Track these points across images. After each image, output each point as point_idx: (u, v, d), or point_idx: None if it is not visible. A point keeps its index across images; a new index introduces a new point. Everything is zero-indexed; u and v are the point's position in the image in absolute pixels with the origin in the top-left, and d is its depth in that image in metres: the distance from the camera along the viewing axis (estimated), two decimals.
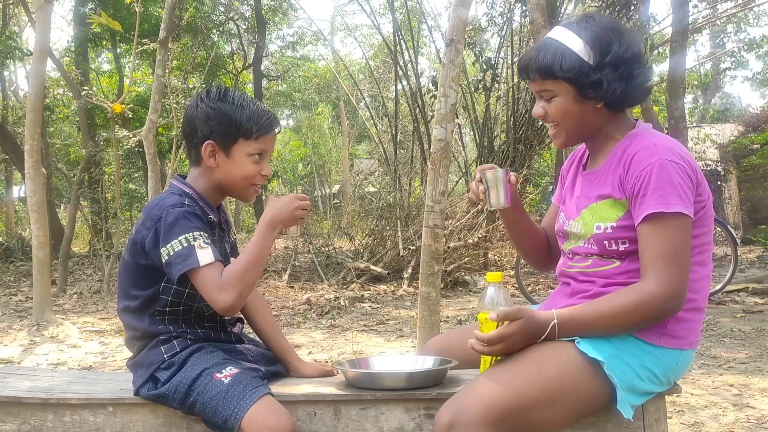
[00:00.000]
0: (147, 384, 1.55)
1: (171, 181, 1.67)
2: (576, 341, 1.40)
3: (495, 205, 1.57)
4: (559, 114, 1.50)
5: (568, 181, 1.67)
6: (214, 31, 12.91)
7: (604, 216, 1.47)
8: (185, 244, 1.45)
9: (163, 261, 1.46)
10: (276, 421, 1.39)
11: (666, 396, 1.52)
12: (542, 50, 1.48)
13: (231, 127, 1.57)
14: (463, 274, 7.43)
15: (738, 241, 6.32)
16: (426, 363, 1.66)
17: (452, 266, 7.13)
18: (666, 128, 7.16)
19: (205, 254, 1.45)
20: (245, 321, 1.78)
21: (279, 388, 1.58)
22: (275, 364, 1.73)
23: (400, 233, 7.79)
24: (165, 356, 1.54)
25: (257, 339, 1.80)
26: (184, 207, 1.51)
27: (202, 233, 1.48)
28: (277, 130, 1.63)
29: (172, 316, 1.58)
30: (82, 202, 9.83)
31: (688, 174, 1.39)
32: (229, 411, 1.41)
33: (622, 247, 1.45)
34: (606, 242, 1.46)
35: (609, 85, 1.44)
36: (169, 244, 1.45)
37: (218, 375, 1.47)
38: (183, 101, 7.28)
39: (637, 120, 1.55)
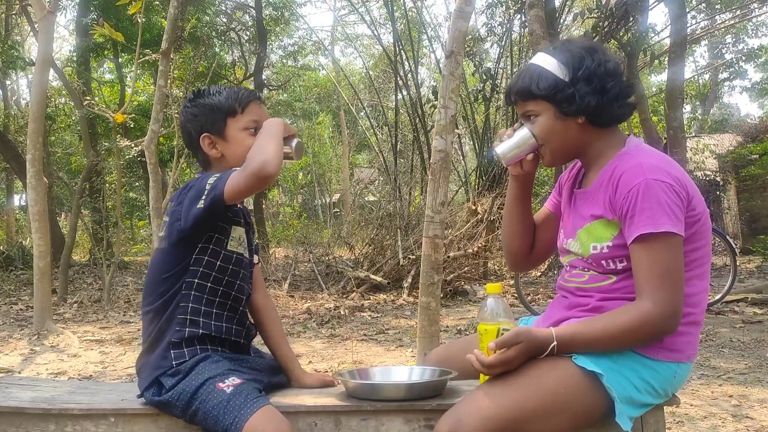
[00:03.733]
0: (152, 388, 1.56)
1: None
2: (573, 357, 1.41)
3: (501, 153, 1.60)
4: (543, 133, 1.54)
5: (564, 196, 1.68)
6: (216, 41, 12.97)
7: (599, 236, 1.49)
8: (218, 175, 1.53)
9: (208, 187, 1.51)
10: (276, 429, 1.41)
11: (665, 407, 1.53)
12: (522, 75, 1.55)
13: (215, 112, 1.67)
14: (462, 283, 7.44)
15: (737, 251, 6.34)
16: (426, 374, 1.67)
17: (452, 276, 7.13)
18: (665, 138, 7.19)
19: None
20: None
21: (280, 398, 1.59)
22: (278, 375, 1.74)
23: (400, 242, 7.80)
24: (173, 362, 1.56)
25: (263, 351, 1.81)
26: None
27: None
28: (258, 100, 1.71)
29: (199, 292, 1.59)
30: (83, 210, 9.85)
31: (676, 191, 1.40)
32: (229, 420, 1.42)
33: (620, 266, 1.47)
34: (603, 261, 1.48)
35: (582, 98, 1.48)
36: (207, 182, 1.53)
37: (221, 384, 1.48)
38: None
39: (628, 136, 1.57)
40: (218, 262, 1.60)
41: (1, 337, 5.33)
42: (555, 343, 1.39)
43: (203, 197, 1.51)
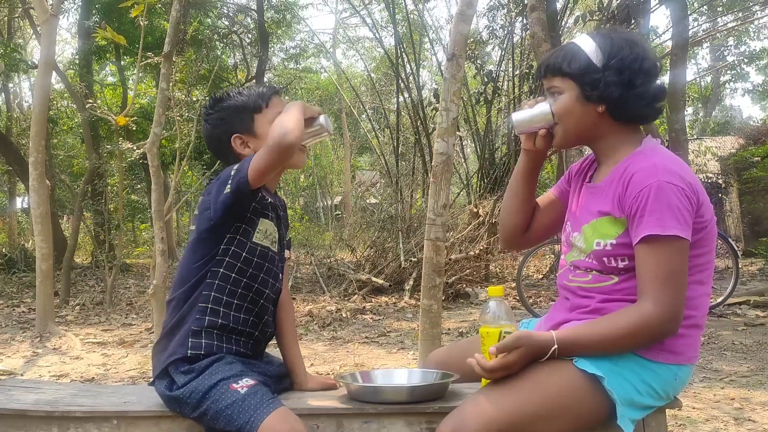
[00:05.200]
0: (164, 380, 1.58)
1: None
2: (574, 360, 1.41)
3: (516, 120, 1.62)
4: (561, 111, 1.54)
5: (574, 187, 1.68)
6: (218, 44, 13.00)
7: (604, 233, 1.48)
8: (242, 161, 1.56)
9: (233, 173, 1.54)
10: (291, 430, 1.42)
11: (667, 410, 1.53)
12: (558, 51, 1.56)
13: (242, 112, 1.70)
14: (464, 286, 7.43)
15: (739, 253, 6.33)
16: (428, 377, 1.67)
17: (453, 278, 7.13)
18: (666, 141, 7.18)
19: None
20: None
21: (282, 401, 1.59)
22: (283, 382, 1.75)
23: (401, 245, 7.80)
24: (188, 351, 1.57)
25: (272, 355, 1.82)
26: None
27: None
28: (279, 93, 1.75)
29: (223, 282, 1.61)
30: (85, 213, 9.86)
31: (687, 196, 1.39)
32: (245, 419, 1.43)
33: (621, 264, 1.46)
34: (605, 259, 1.48)
35: (607, 86, 1.47)
36: (231, 170, 1.56)
37: (235, 385, 1.50)
38: (186, 114, 7.32)
39: (646, 136, 1.56)
40: (244, 253, 1.62)
41: (3, 339, 5.34)
42: (556, 346, 1.39)
43: (229, 182, 1.54)
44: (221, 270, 1.61)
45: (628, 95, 1.48)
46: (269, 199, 1.70)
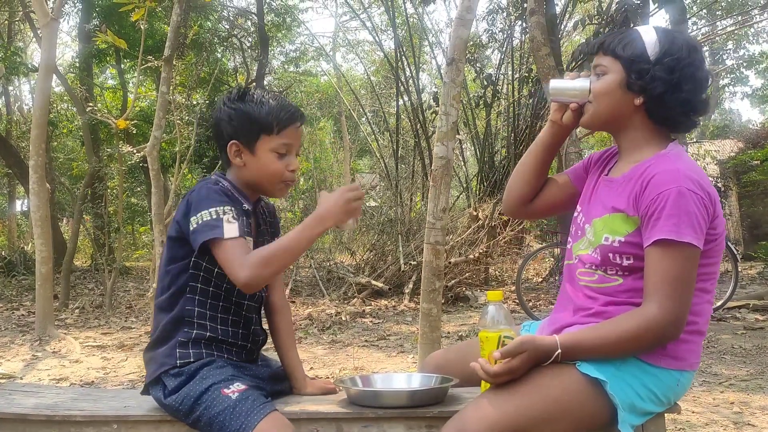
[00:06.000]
0: (157, 386, 1.58)
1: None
2: (577, 364, 1.41)
3: (552, 87, 1.60)
4: (600, 90, 1.52)
5: (591, 177, 1.66)
6: (218, 47, 13.01)
7: (614, 229, 1.47)
8: (214, 216, 1.50)
9: (191, 228, 1.51)
10: None
11: (666, 414, 1.53)
12: (618, 33, 1.54)
13: (252, 124, 1.61)
14: (464, 289, 7.44)
15: (739, 257, 6.34)
16: (427, 381, 1.67)
17: (453, 281, 7.13)
18: None
19: (232, 228, 1.49)
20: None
21: (281, 405, 1.59)
22: (281, 384, 1.74)
23: (401, 248, 7.81)
24: (177, 362, 1.56)
25: (269, 358, 1.82)
26: (219, 185, 1.59)
27: (232, 209, 1.53)
28: (299, 123, 1.65)
29: (202, 297, 1.60)
30: (84, 216, 9.87)
31: (705, 205, 1.39)
32: (236, 426, 1.43)
33: (626, 262, 1.46)
34: (611, 255, 1.47)
35: (652, 80, 1.46)
36: (199, 214, 1.51)
37: (226, 390, 1.48)
38: (186, 117, 7.33)
39: (672, 141, 1.54)
40: (216, 269, 1.59)
41: (2, 342, 5.33)
42: (560, 351, 1.39)
43: (199, 230, 1.49)
44: (198, 285, 1.60)
45: (671, 97, 1.47)
46: (245, 206, 1.64)
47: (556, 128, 1.66)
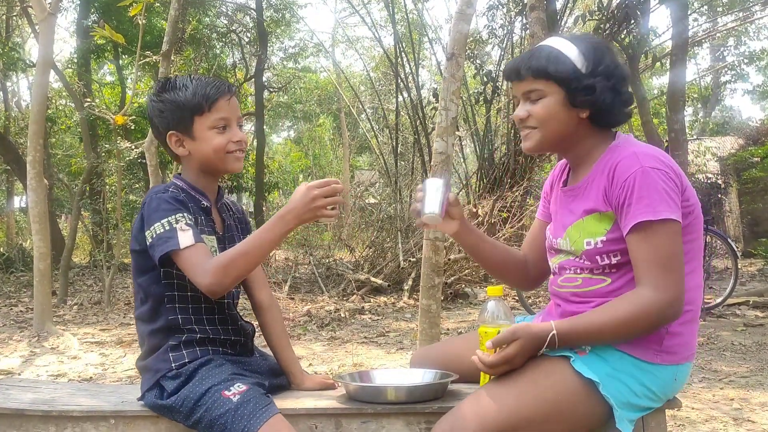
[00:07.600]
0: (153, 390, 1.56)
1: None
2: (572, 360, 1.40)
3: (427, 211, 1.55)
4: (543, 115, 1.49)
5: (553, 198, 1.66)
6: (217, 43, 12.99)
7: (592, 231, 1.46)
8: (167, 227, 1.49)
9: (148, 243, 1.51)
10: None
11: (666, 410, 1.52)
12: (536, 52, 1.51)
13: (182, 110, 1.59)
14: (463, 286, 7.43)
15: (738, 254, 6.32)
16: (427, 377, 1.66)
17: (452, 278, 7.13)
18: (666, 141, 7.18)
19: (186, 237, 1.48)
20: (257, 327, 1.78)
21: (280, 401, 1.59)
22: (279, 377, 1.74)
23: (400, 245, 7.80)
24: (173, 365, 1.55)
25: (265, 351, 1.80)
26: (168, 192, 1.56)
27: (184, 215, 1.51)
28: (229, 95, 1.61)
29: (182, 304, 1.58)
30: (83, 212, 9.84)
31: (671, 178, 1.39)
32: (238, 429, 1.41)
33: (614, 260, 1.44)
34: (598, 257, 1.45)
35: (601, 92, 1.45)
36: (152, 228, 1.50)
37: (226, 393, 1.46)
38: None
39: (616, 133, 1.55)
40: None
41: (1, 338, 5.32)
42: (554, 331, 1.36)
43: (155, 245, 1.48)
44: (176, 293, 1.58)
45: (615, 101, 1.48)
46: (204, 203, 1.63)
47: (457, 235, 1.66)
